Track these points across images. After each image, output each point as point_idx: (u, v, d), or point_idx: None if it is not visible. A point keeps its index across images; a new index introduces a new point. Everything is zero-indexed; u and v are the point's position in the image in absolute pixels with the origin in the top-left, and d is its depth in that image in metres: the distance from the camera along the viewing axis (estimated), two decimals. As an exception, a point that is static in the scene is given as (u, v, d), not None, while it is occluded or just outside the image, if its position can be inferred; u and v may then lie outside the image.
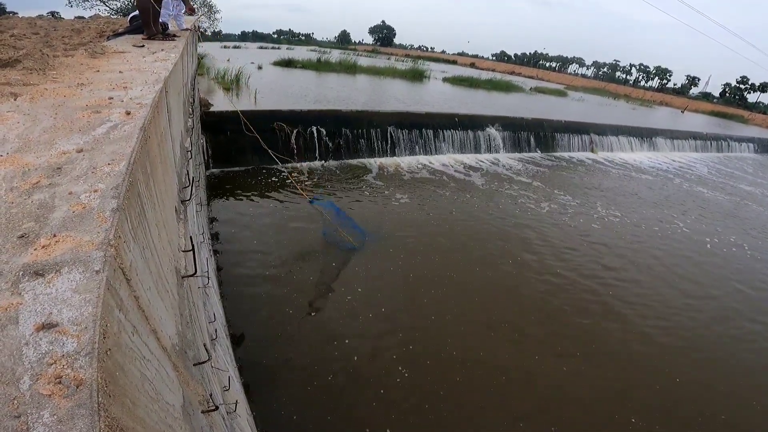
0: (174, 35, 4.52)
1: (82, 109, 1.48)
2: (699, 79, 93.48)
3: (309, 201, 6.48)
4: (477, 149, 15.16)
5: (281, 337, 5.09)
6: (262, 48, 50.38)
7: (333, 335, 5.19)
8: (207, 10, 29.21)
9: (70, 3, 23.03)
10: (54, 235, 0.77)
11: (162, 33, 4.28)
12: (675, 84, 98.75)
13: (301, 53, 36.76)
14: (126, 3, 23.86)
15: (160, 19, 4.38)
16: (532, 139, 16.97)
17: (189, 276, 1.78)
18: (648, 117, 33.95)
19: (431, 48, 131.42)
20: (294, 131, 11.34)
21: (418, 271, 6.87)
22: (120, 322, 0.72)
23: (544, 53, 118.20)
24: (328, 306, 5.78)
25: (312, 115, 11.97)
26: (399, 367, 4.82)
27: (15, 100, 1.54)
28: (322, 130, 11.86)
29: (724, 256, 9.59)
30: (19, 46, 2.70)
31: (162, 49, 3.43)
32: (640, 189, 14.43)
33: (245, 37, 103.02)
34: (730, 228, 11.71)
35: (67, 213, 0.83)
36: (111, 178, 0.97)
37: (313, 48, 54.34)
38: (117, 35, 4.16)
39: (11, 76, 1.89)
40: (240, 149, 10.41)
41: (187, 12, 5.61)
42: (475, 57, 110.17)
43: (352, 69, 30.07)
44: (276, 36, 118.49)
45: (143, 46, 3.56)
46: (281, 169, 10.69)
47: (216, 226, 7.55)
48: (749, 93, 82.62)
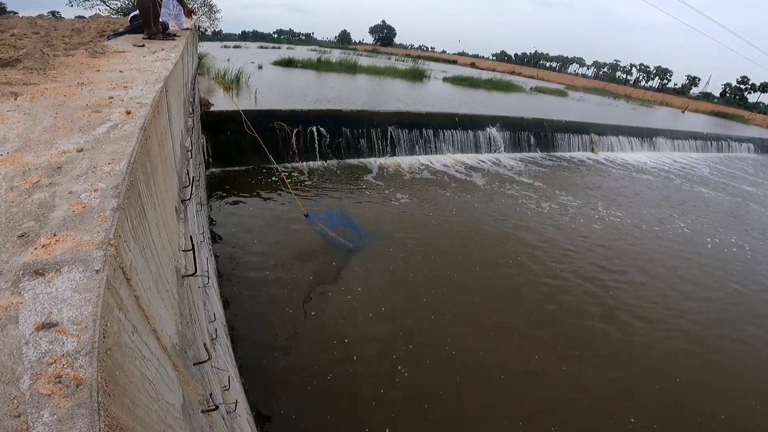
0: (174, 35, 4.52)
1: (82, 109, 1.48)
2: (699, 79, 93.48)
3: (305, 215, 6.49)
4: (477, 149, 15.16)
5: (281, 337, 5.09)
6: (262, 48, 50.35)
7: (333, 335, 5.19)
8: (207, 9, 29.19)
9: (70, 2, 23.00)
10: (54, 235, 0.77)
11: (162, 32, 4.28)
12: (675, 84, 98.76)
13: (302, 53, 36.75)
14: (126, 2, 23.84)
15: (160, 19, 4.39)
16: (532, 139, 16.97)
17: (189, 275, 1.78)
18: (648, 117, 33.93)
19: (431, 48, 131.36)
20: (294, 131, 11.34)
21: (418, 271, 6.87)
22: (120, 321, 0.72)
23: (544, 53, 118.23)
24: (328, 306, 5.78)
25: (312, 115, 11.96)
26: (399, 367, 4.82)
27: (15, 99, 1.54)
28: (322, 129, 11.86)
29: (725, 256, 9.59)
30: (20, 45, 2.70)
31: (162, 49, 3.43)
32: (640, 189, 14.42)
33: (245, 37, 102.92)
34: (731, 228, 11.70)
35: (68, 212, 0.83)
36: (111, 177, 0.97)
37: (314, 48, 54.32)
38: (117, 35, 4.17)
39: (12, 75, 1.89)
40: (240, 149, 10.41)
41: (186, 13, 5.62)
42: (476, 57, 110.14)
43: (352, 69, 30.05)
44: (276, 36, 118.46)
45: (143, 45, 3.56)
46: (282, 169, 10.70)
47: (216, 225, 7.56)
48: (749, 93, 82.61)
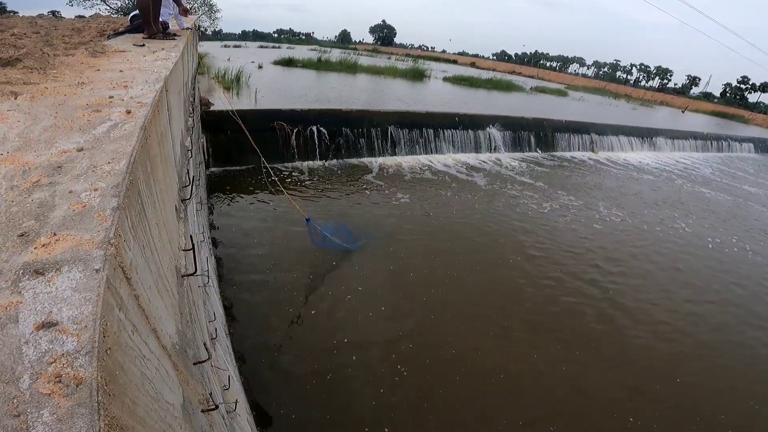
0: (174, 34, 4.52)
1: (82, 108, 1.48)
2: (699, 79, 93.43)
3: (306, 219, 6.51)
4: (477, 149, 15.16)
5: (281, 336, 5.10)
6: (262, 47, 50.31)
7: (333, 334, 5.19)
8: (207, 9, 29.19)
9: (70, 2, 23.01)
10: (54, 234, 0.77)
11: (162, 32, 4.28)
12: (675, 84, 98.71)
13: (302, 52, 36.71)
14: (126, 2, 23.84)
15: (160, 18, 4.38)
16: (532, 139, 16.96)
17: (189, 275, 1.78)
18: (648, 117, 33.90)
19: (432, 47, 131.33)
20: (294, 130, 11.34)
21: (418, 271, 6.87)
22: (120, 321, 0.71)
23: (544, 53, 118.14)
24: (328, 305, 5.77)
25: (312, 115, 11.96)
26: (399, 367, 4.82)
27: (15, 98, 1.54)
28: (322, 129, 11.85)
29: (726, 257, 9.58)
30: (20, 45, 2.69)
31: (162, 48, 3.43)
32: (641, 189, 14.41)
33: (245, 37, 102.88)
34: (732, 229, 11.69)
35: (68, 212, 0.83)
36: (111, 176, 0.97)
37: (314, 47, 54.24)
38: (117, 34, 4.16)
39: (12, 75, 1.89)
40: (240, 148, 10.40)
41: (181, 13, 5.54)
42: (476, 56, 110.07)
43: (352, 68, 30.02)
44: (276, 35, 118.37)
45: (144, 45, 3.56)
46: (282, 169, 10.70)
47: (216, 225, 7.56)
48: (750, 93, 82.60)
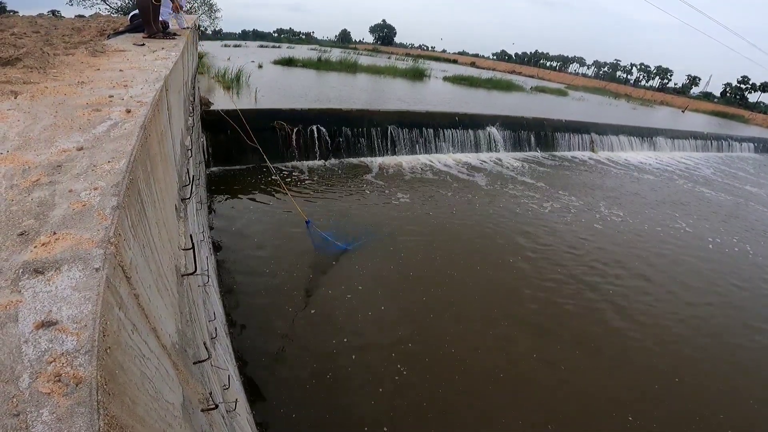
0: (174, 34, 4.52)
1: (82, 108, 1.48)
2: (700, 79, 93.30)
3: (306, 221, 6.53)
4: (477, 148, 15.15)
5: (281, 335, 5.10)
6: (262, 47, 50.29)
7: (332, 334, 5.20)
8: (207, 9, 29.15)
9: (70, 2, 22.98)
10: (54, 233, 0.76)
11: (162, 31, 4.28)
12: (676, 84, 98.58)
13: (302, 52, 36.67)
14: (126, 1, 23.82)
15: (160, 18, 4.38)
16: (532, 139, 16.96)
17: (189, 274, 1.78)
18: (648, 116, 33.89)
19: (432, 47, 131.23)
20: (294, 130, 11.34)
21: (418, 270, 6.87)
22: (120, 320, 0.71)
23: (544, 53, 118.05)
24: (327, 304, 5.78)
25: (312, 114, 11.96)
26: (398, 365, 4.82)
27: (15, 98, 1.54)
28: (322, 128, 11.85)
29: (726, 257, 9.57)
30: (20, 44, 2.69)
31: (162, 48, 3.43)
32: (641, 189, 14.41)
33: (245, 36, 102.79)
34: (732, 229, 11.68)
35: (67, 211, 0.83)
36: (111, 176, 0.97)
37: (314, 47, 54.17)
38: (117, 34, 4.16)
39: (12, 74, 1.89)
40: (240, 148, 10.39)
41: (173, 9, 5.44)
42: (476, 56, 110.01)
43: (352, 68, 30.01)
44: (276, 35, 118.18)
45: (144, 44, 3.56)
46: (282, 168, 10.70)
47: (216, 224, 7.56)
48: (750, 93, 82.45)
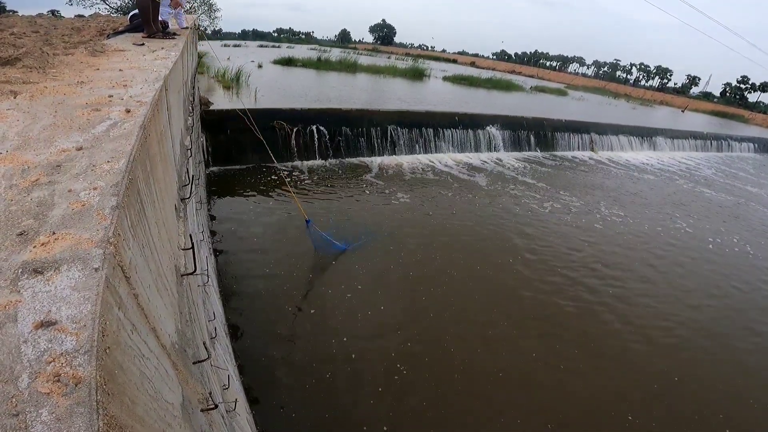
0: (174, 33, 4.52)
1: (81, 107, 1.48)
2: (699, 79, 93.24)
3: (306, 221, 6.55)
4: (477, 148, 15.15)
5: (280, 336, 5.10)
6: (262, 46, 50.26)
7: (332, 333, 5.19)
8: (207, 8, 29.12)
9: (70, 1, 22.93)
10: (53, 233, 0.76)
11: (162, 31, 4.28)
12: (675, 83, 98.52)
13: (302, 52, 36.66)
14: (126, 1, 23.79)
15: (159, 18, 4.38)
16: (532, 139, 16.96)
17: (188, 274, 1.78)
18: (648, 116, 33.90)
19: (431, 47, 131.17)
20: (294, 130, 11.33)
21: (417, 270, 6.87)
22: (119, 320, 0.71)
23: (544, 52, 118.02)
24: (327, 304, 5.78)
25: (312, 114, 11.96)
26: (397, 365, 4.82)
27: (15, 98, 1.54)
28: (322, 128, 11.85)
29: (727, 258, 9.56)
30: (19, 44, 2.69)
31: (162, 48, 3.42)
32: (642, 189, 14.41)
33: (245, 36, 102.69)
34: (733, 229, 11.68)
35: (67, 210, 0.83)
36: (110, 175, 0.97)
37: (314, 47, 54.15)
38: (117, 33, 4.16)
39: (11, 74, 1.89)
40: (240, 148, 10.40)
41: (172, 5, 5.43)
42: (476, 56, 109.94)
43: (352, 68, 30.01)
44: (276, 35, 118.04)
45: (143, 44, 3.56)
46: (282, 168, 10.69)
47: (216, 224, 7.55)
48: (750, 93, 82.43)
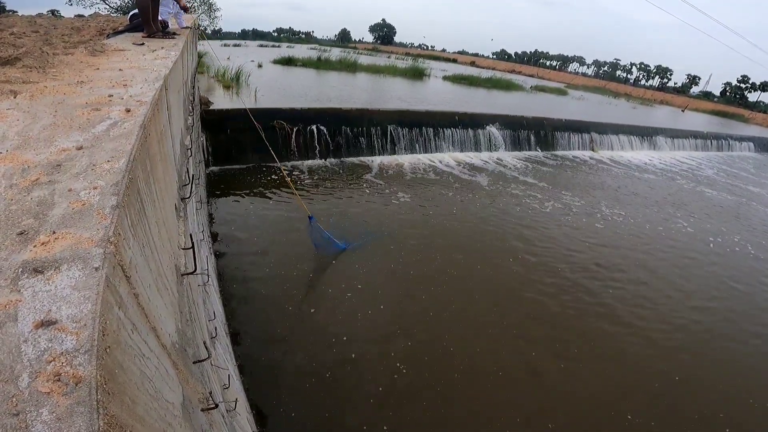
0: (174, 33, 4.51)
1: (81, 107, 1.48)
2: (699, 78, 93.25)
3: (309, 217, 6.59)
4: (477, 148, 15.15)
5: (281, 335, 5.10)
6: (262, 46, 50.25)
7: (332, 333, 5.19)
8: (207, 8, 29.12)
9: (69, 1, 22.92)
10: (53, 232, 0.76)
11: (162, 31, 4.27)
12: (675, 83, 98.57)
13: (302, 51, 36.63)
14: (126, 1, 23.79)
15: (159, 17, 4.37)
16: (532, 138, 16.95)
17: (189, 273, 1.78)
18: (648, 116, 33.89)
19: (431, 46, 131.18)
20: (294, 129, 11.34)
21: (418, 269, 6.87)
22: (119, 319, 0.71)
23: (544, 52, 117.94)
24: (327, 303, 5.78)
25: (312, 113, 11.95)
26: (397, 364, 4.82)
27: (15, 97, 1.53)
28: (322, 128, 11.85)
29: (727, 257, 9.55)
30: (19, 44, 2.69)
31: (162, 47, 3.42)
32: (642, 188, 14.40)
33: (245, 36, 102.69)
34: (734, 229, 11.66)
35: (67, 210, 0.83)
36: (111, 175, 0.97)
37: (314, 46, 54.13)
38: (117, 33, 4.16)
39: (11, 74, 1.89)
40: (240, 147, 10.40)
41: (182, 8, 5.56)
42: (476, 55, 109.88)
43: (352, 67, 29.99)
44: (276, 34, 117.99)
45: (143, 44, 3.56)
46: (282, 168, 10.69)
47: (216, 223, 7.55)
48: (750, 92, 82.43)
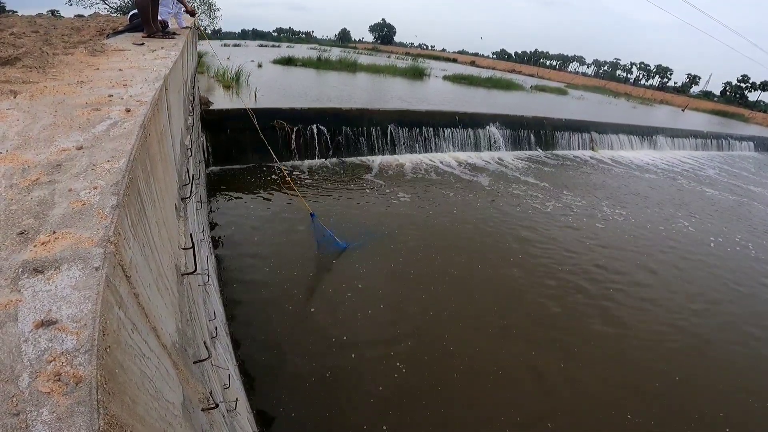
0: (174, 33, 4.51)
1: (81, 107, 1.48)
2: (699, 78, 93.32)
3: (311, 214, 6.60)
4: (477, 147, 15.15)
5: (281, 335, 5.10)
6: (262, 46, 50.25)
7: (332, 332, 5.19)
8: (207, 8, 29.13)
9: (69, 1, 22.94)
10: (53, 232, 0.76)
11: (162, 31, 4.27)
12: (675, 82, 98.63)
13: (301, 51, 36.63)
14: (126, 1, 23.79)
15: (159, 17, 4.37)
16: (532, 138, 16.95)
17: (189, 273, 1.78)
18: (648, 115, 33.89)
19: (431, 46, 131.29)
20: (294, 129, 11.34)
21: (418, 269, 6.87)
22: (119, 319, 0.71)
23: (544, 51, 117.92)
24: (327, 303, 5.78)
25: (312, 113, 11.95)
26: (397, 364, 4.82)
27: (15, 97, 1.53)
28: (322, 128, 11.85)
29: (728, 257, 9.54)
30: (19, 44, 2.69)
31: (162, 47, 3.42)
32: (643, 188, 14.39)
33: (245, 36, 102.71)
34: (734, 228, 11.65)
35: (67, 210, 0.83)
36: (111, 175, 0.97)
37: (313, 46, 54.18)
38: (117, 33, 4.16)
39: (11, 74, 1.89)
40: (240, 147, 10.40)
41: (188, 12, 5.62)
42: (476, 55, 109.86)
43: (352, 67, 29.98)
44: (276, 34, 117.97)
45: (143, 44, 3.56)
46: (282, 168, 10.70)
47: (216, 223, 7.55)
48: (750, 92, 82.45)
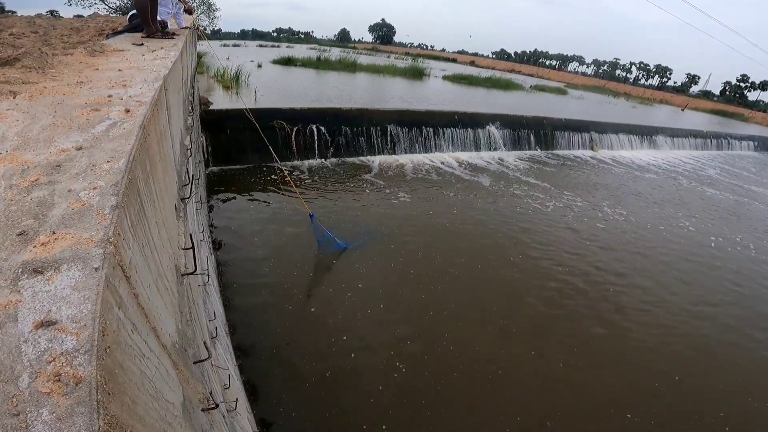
0: (173, 33, 4.51)
1: (81, 107, 1.47)
2: (699, 78, 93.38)
3: (309, 215, 6.61)
4: (477, 147, 15.15)
5: (281, 335, 5.10)
6: (261, 46, 50.25)
7: (332, 332, 5.20)
8: (206, 8, 29.13)
9: (69, 2, 22.93)
10: (53, 233, 0.76)
11: (161, 31, 4.27)
12: (675, 82, 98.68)
13: (301, 51, 36.63)
14: (125, 1, 23.78)
15: (158, 17, 4.37)
16: (532, 137, 16.96)
17: (189, 274, 1.78)
18: (648, 115, 33.90)
19: (431, 46, 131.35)
20: (294, 129, 11.34)
21: (418, 269, 6.87)
22: (119, 319, 0.71)
23: (544, 51, 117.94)
24: (327, 303, 5.78)
25: (312, 113, 11.95)
26: (397, 363, 4.83)
27: (14, 98, 1.53)
28: (322, 128, 11.85)
29: (729, 257, 9.54)
30: (18, 44, 2.69)
31: (161, 47, 3.42)
32: (643, 188, 14.40)
33: (245, 36, 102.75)
34: (735, 228, 11.66)
35: (67, 210, 0.83)
36: (110, 175, 0.97)
37: (313, 46, 54.22)
38: (116, 33, 4.15)
39: (10, 74, 1.88)
40: (240, 148, 10.40)
41: (187, 11, 5.63)
42: (475, 55, 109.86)
43: (351, 67, 29.99)
44: (276, 34, 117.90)
45: (142, 44, 3.55)
46: (282, 168, 10.70)
47: (216, 223, 7.55)
48: (749, 91, 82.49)
